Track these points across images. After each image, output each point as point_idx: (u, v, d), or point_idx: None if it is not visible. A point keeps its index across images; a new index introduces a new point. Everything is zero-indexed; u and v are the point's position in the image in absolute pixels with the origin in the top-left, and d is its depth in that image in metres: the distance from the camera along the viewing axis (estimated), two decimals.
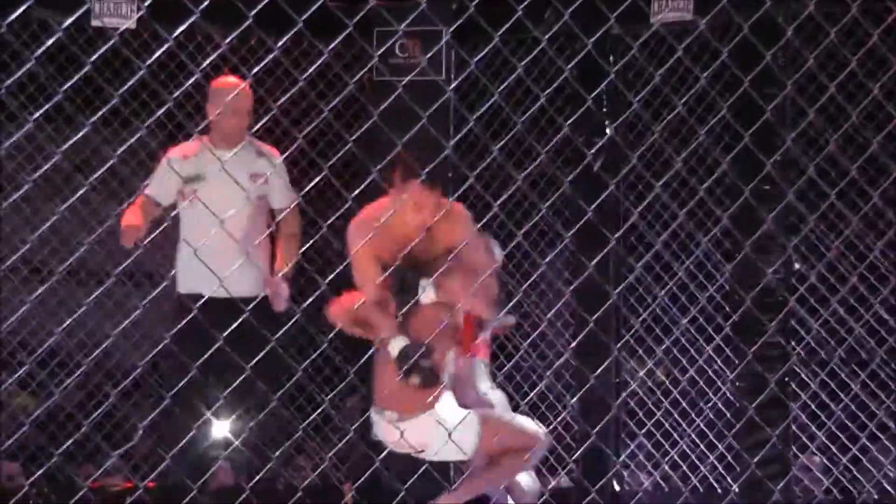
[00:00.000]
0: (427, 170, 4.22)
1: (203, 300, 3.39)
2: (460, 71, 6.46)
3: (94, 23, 6.34)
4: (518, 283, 6.66)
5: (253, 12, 2.80)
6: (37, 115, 3.46)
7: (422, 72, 6.10)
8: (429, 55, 6.29)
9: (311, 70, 4.21)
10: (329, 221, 3.19)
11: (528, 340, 6.76)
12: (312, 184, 3.48)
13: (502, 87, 5.16)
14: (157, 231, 4.64)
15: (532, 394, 6.01)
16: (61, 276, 6.48)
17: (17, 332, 6.89)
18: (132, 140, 3.29)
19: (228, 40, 6.13)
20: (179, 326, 3.53)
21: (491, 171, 6.37)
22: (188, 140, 5.79)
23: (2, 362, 6.85)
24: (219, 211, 4.29)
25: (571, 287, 6.03)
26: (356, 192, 3.34)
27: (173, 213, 5.45)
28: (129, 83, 2.74)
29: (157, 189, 5.55)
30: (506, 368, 6.81)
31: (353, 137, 3.35)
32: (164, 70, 6.55)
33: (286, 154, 5.69)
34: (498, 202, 3.53)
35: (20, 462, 7.06)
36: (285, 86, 6.56)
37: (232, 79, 5.69)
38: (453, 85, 6.18)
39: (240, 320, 3.12)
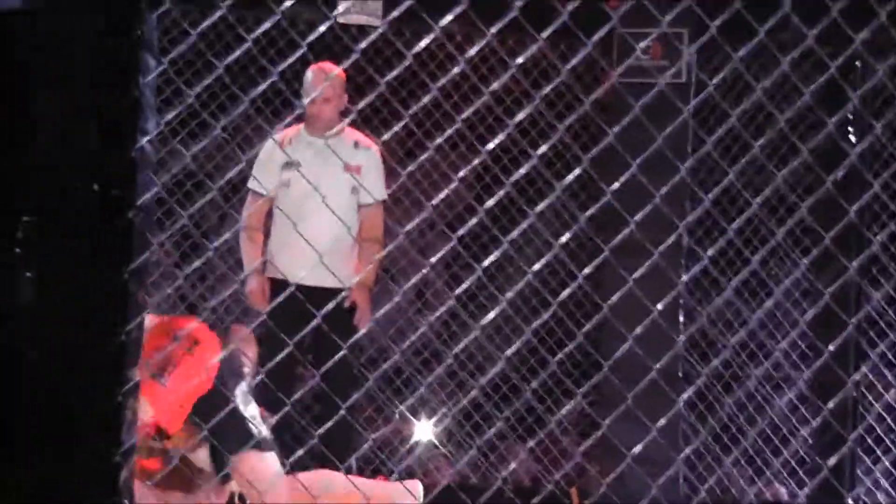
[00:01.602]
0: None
1: (285, 288, 3.40)
2: (700, 72, 6.35)
3: (340, 20, 6.41)
4: (753, 306, 6.51)
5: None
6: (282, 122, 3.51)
7: (661, 74, 6.02)
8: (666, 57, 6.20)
9: (551, 85, 4.17)
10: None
11: (762, 368, 6.58)
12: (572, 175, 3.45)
13: (740, 108, 5.01)
14: None
15: (762, 424, 5.85)
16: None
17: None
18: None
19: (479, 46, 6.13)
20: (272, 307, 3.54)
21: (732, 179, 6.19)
22: (287, 128, 5.74)
23: None
24: (312, 199, 4.31)
25: (806, 316, 5.84)
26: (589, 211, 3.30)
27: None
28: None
29: (260, 180, 5.48)
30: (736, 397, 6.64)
31: (590, 152, 3.30)
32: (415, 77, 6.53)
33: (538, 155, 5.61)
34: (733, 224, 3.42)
35: None
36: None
37: (327, 64, 5.59)
38: (694, 95, 6.05)
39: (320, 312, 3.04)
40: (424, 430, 5.85)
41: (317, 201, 4.71)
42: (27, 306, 2.32)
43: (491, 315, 2.95)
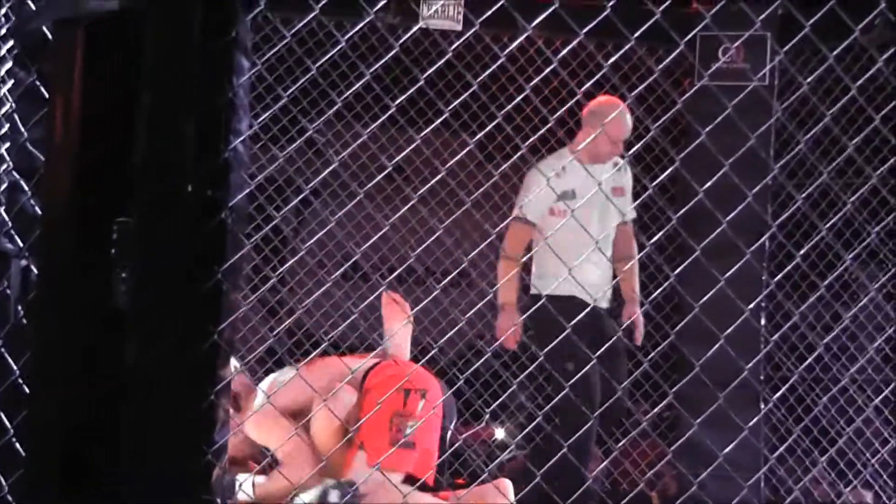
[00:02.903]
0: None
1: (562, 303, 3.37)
2: (784, 77, 6.31)
3: (421, 24, 6.42)
4: (837, 309, 6.45)
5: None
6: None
7: (744, 77, 5.98)
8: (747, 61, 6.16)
9: (642, 85, 4.17)
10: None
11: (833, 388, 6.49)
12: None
13: (828, 111, 4.97)
14: None
15: (831, 451, 5.77)
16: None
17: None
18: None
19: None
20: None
21: (820, 187, 6.10)
22: (552, 154, 5.69)
23: None
24: (586, 224, 4.37)
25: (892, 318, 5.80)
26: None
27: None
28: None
29: (531, 207, 5.44)
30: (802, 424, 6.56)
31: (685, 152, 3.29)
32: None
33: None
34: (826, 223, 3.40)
35: None
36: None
37: (618, 103, 5.49)
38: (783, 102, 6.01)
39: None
40: (505, 431, 5.87)
41: (590, 226, 4.79)
42: (122, 306, 2.35)
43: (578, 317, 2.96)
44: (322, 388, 3.93)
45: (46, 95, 2.49)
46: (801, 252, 2.76)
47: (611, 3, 2.61)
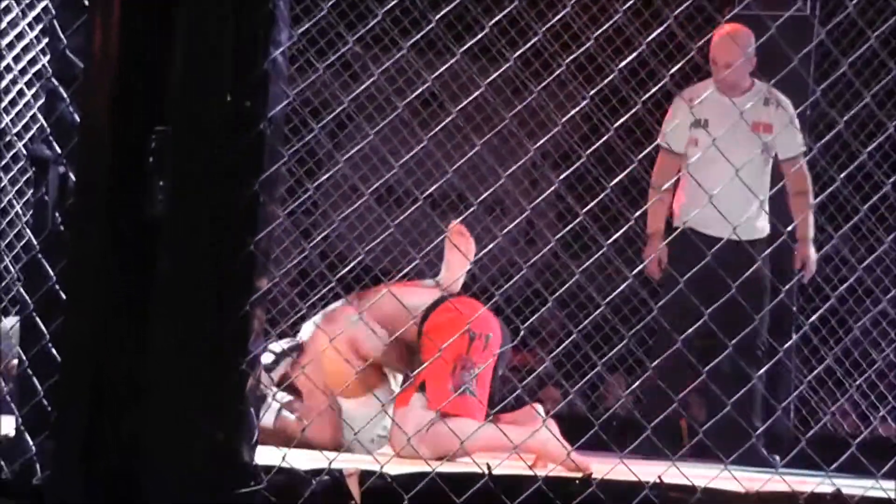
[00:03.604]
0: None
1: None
2: (825, 9, 6.26)
3: None
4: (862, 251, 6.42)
5: None
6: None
7: (785, 7, 5.89)
8: None
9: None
10: None
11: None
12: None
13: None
14: None
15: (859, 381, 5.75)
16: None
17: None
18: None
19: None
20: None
21: (860, 119, 6.05)
22: (697, 83, 5.73)
23: None
24: (720, 159, 4.37)
25: None
26: None
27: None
28: None
29: (671, 136, 5.53)
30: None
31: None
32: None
33: None
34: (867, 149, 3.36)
35: None
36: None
37: (723, 29, 5.50)
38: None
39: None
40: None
41: (723, 160, 4.76)
42: (158, 215, 2.35)
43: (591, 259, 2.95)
44: (384, 320, 3.91)
45: (86, 2, 2.49)
46: (842, 175, 2.73)
47: None
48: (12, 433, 2.56)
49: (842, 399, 6.36)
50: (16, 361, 2.81)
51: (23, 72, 3.61)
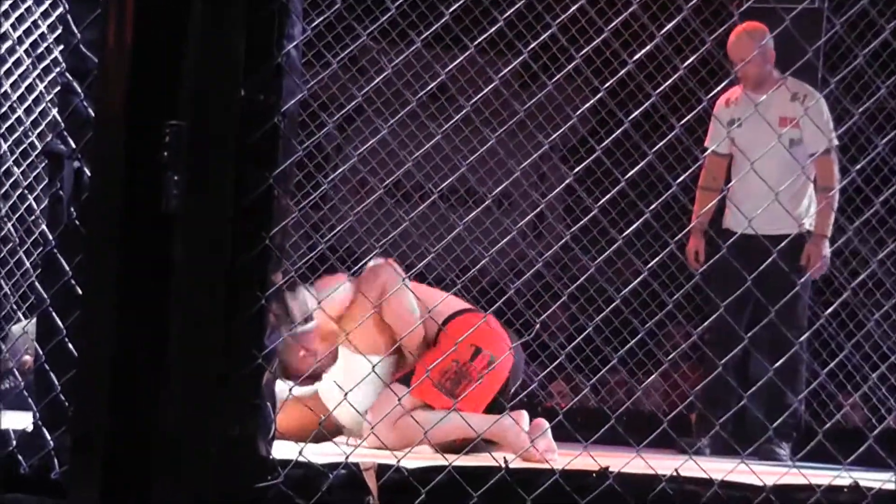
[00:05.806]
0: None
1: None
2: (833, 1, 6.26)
3: None
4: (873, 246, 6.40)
5: None
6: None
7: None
8: None
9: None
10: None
11: None
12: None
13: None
14: None
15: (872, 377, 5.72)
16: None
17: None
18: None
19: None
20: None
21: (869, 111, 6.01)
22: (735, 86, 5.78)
23: None
24: (751, 155, 4.49)
25: None
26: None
27: None
28: None
29: (713, 138, 5.71)
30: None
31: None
32: None
33: None
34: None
35: None
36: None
37: (742, 27, 5.59)
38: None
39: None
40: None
41: (754, 156, 4.82)
42: (172, 209, 2.35)
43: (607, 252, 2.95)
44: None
45: None
46: (857, 167, 2.72)
47: None
48: (30, 428, 2.56)
49: (854, 394, 6.35)
50: (30, 357, 2.81)
51: (46, 70, 3.61)
